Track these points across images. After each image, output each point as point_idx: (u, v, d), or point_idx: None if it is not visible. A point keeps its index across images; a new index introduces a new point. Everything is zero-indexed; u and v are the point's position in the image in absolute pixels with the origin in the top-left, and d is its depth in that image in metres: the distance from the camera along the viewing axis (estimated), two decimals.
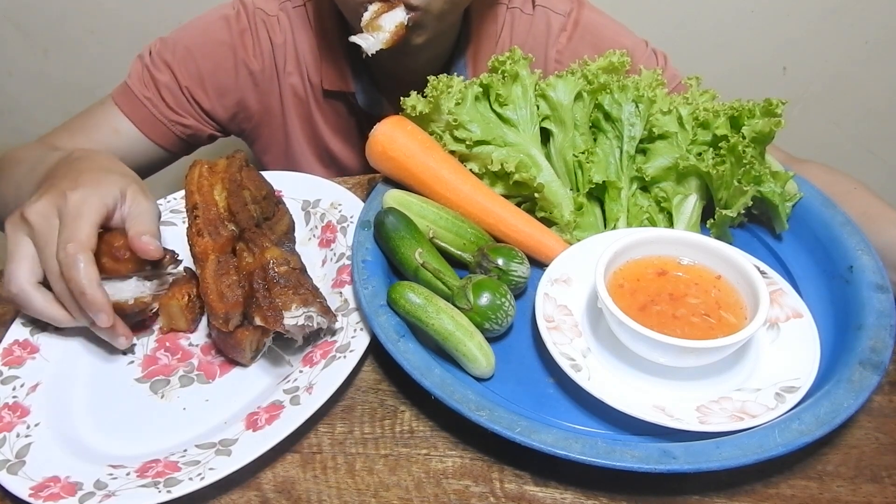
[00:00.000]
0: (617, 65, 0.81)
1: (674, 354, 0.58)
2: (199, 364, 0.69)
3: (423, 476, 0.58)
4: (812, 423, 0.54)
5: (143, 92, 0.97)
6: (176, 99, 0.98)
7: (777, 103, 0.72)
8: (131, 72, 0.99)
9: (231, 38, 0.99)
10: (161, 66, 0.97)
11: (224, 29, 0.99)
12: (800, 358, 0.61)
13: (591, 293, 0.68)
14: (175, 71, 0.97)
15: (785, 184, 0.74)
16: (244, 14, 1.00)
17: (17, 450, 0.60)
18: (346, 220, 0.81)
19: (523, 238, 0.76)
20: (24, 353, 0.69)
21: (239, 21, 1.00)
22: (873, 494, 0.56)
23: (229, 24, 0.99)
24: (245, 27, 1.00)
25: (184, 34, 0.99)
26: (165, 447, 0.61)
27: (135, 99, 0.97)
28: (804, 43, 1.64)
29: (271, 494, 0.58)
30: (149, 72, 0.97)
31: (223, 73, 0.99)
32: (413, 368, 0.60)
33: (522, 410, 0.60)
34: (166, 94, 0.98)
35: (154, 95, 0.97)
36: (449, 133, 0.80)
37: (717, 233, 0.75)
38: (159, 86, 0.97)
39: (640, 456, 0.53)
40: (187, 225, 0.70)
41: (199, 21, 1.01)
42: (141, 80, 0.98)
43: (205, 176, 0.73)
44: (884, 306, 0.64)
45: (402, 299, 0.64)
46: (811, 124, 1.77)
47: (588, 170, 0.77)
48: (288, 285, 0.63)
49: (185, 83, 0.98)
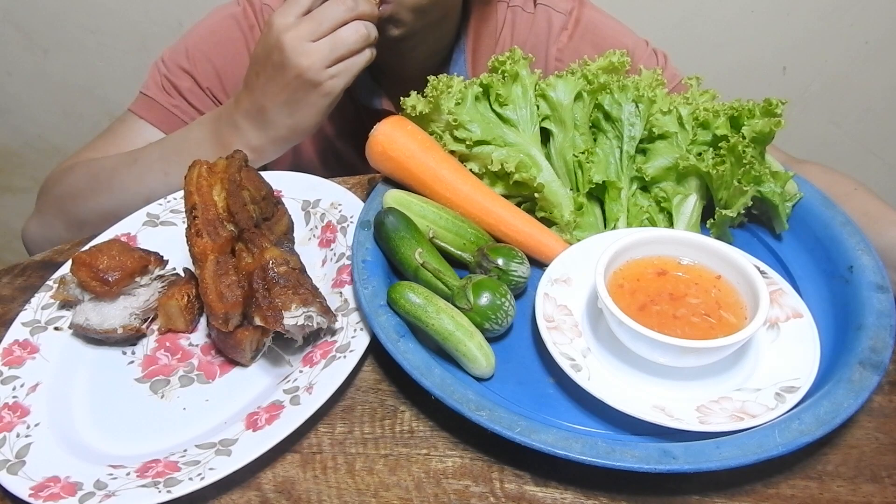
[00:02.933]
0: (617, 65, 0.81)
1: (674, 354, 0.58)
2: (199, 364, 0.69)
3: (423, 476, 0.58)
4: (812, 423, 0.54)
5: (169, 101, 0.99)
6: (201, 102, 1.00)
7: (777, 103, 0.72)
8: (149, 84, 1.00)
9: (243, 34, 1.01)
10: (179, 73, 0.99)
11: (234, 27, 1.01)
12: (800, 358, 0.61)
13: (591, 293, 0.68)
14: (194, 75, 0.99)
15: (785, 184, 0.74)
16: (251, 10, 1.02)
17: (17, 450, 0.60)
18: (346, 220, 0.81)
19: (523, 238, 0.76)
20: (24, 353, 0.69)
21: (247, 17, 1.01)
22: (873, 494, 0.56)
23: (238, 21, 1.01)
24: (253, 23, 1.02)
25: (193, 38, 1.01)
26: (165, 447, 0.61)
27: (162, 109, 0.99)
28: (804, 43, 1.64)
29: (271, 494, 0.58)
30: (168, 81, 0.99)
31: (239, 68, 1.00)
32: (413, 368, 0.60)
33: (522, 410, 0.60)
34: (192, 99, 1.00)
35: (181, 102, 0.99)
36: (449, 133, 0.80)
37: (717, 233, 0.75)
38: (183, 92, 0.99)
39: (640, 456, 0.53)
40: (186, 225, 0.70)
41: (206, 23, 1.03)
42: (163, 90, 0.99)
43: (204, 176, 0.73)
44: (884, 306, 0.64)
45: (402, 299, 0.64)
46: (811, 124, 1.77)
47: (588, 170, 0.77)
48: (287, 285, 0.63)
49: (205, 84, 1.00)
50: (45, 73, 1.79)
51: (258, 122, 0.83)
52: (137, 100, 1.01)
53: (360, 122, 1.07)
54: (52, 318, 0.72)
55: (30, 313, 0.72)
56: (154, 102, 0.99)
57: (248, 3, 1.02)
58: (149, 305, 0.72)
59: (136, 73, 1.68)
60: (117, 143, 0.98)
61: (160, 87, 1.00)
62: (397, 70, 1.00)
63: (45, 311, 0.73)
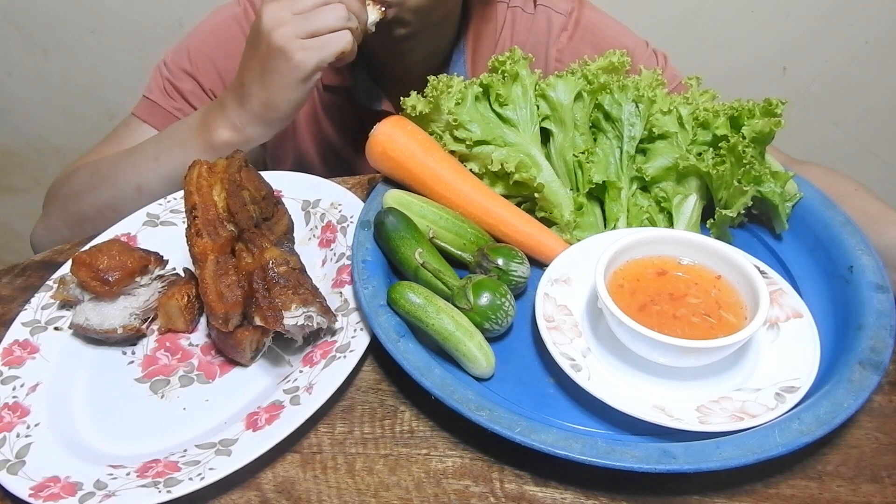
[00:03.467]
0: (617, 65, 0.81)
1: (674, 354, 0.58)
2: (199, 364, 0.69)
3: (423, 476, 0.58)
4: (812, 423, 0.54)
5: (172, 104, 0.99)
6: (204, 103, 1.00)
7: (777, 103, 0.72)
8: (152, 87, 1.01)
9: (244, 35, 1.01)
10: (181, 76, 0.99)
11: (235, 27, 1.01)
12: (800, 358, 0.61)
13: (591, 293, 0.68)
14: (197, 76, 1.00)
15: (785, 184, 0.74)
16: (252, 10, 1.02)
17: (17, 450, 0.60)
18: (346, 220, 0.81)
19: (523, 238, 0.76)
20: (24, 353, 0.69)
21: (248, 18, 1.01)
22: (873, 494, 0.56)
23: (239, 22, 1.01)
24: None
25: (194, 40, 1.01)
26: (165, 447, 0.61)
27: (164, 112, 0.99)
28: (804, 43, 1.64)
29: (271, 494, 0.58)
30: (171, 84, 0.99)
31: None
32: (413, 368, 0.60)
33: (522, 410, 0.60)
34: (194, 101, 1.00)
35: (184, 105, 1.00)
36: (449, 133, 0.80)
37: (717, 233, 0.75)
38: (186, 95, 0.99)
39: (640, 456, 0.53)
40: (186, 225, 0.70)
41: (207, 25, 1.03)
42: (165, 94, 1.00)
43: (204, 176, 0.73)
44: (884, 306, 0.64)
45: (402, 299, 0.64)
46: (811, 124, 1.77)
47: (588, 170, 0.77)
48: (287, 285, 0.64)
49: (208, 86, 1.00)
50: (45, 73, 1.79)
51: (238, 98, 0.83)
52: (140, 103, 1.01)
53: (360, 122, 1.07)
54: (52, 318, 0.72)
55: (30, 313, 0.72)
56: (156, 106, 0.99)
57: (249, 3, 1.02)
58: (149, 305, 0.72)
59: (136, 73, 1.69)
60: (121, 147, 0.98)
61: (162, 91, 1.00)
62: (397, 71, 1.00)
63: (45, 311, 0.73)
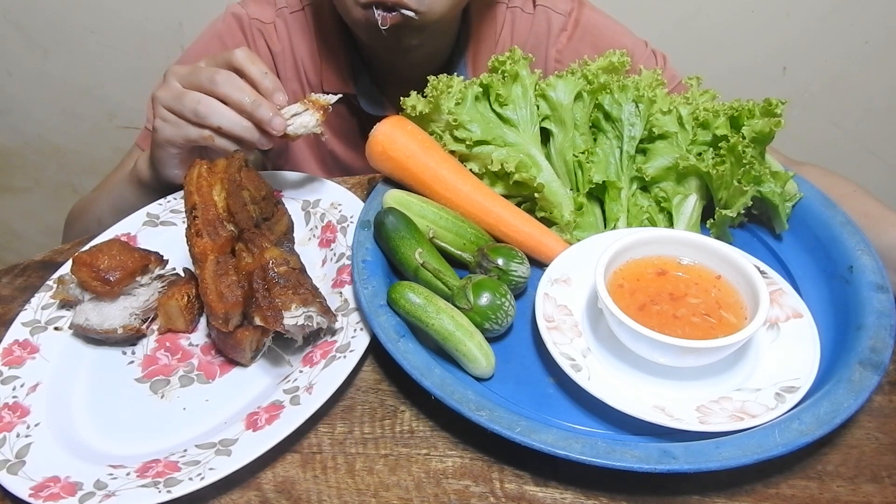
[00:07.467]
0: (617, 65, 0.81)
1: (674, 354, 0.58)
2: (199, 364, 0.69)
3: (423, 476, 0.58)
4: (812, 423, 0.54)
5: None
6: None
7: (777, 103, 0.72)
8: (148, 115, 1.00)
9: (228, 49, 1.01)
10: None
11: (220, 47, 1.00)
12: (800, 358, 0.61)
13: (591, 293, 0.68)
14: None
15: (785, 184, 0.74)
16: (237, 27, 1.02)
17: (17, 450, 0.60)
18: (346, 220, 0.81)
19: (523, 238, 0.76)
20: (24, 353, 0.69)
21: (233, 36, 1.01)
22: (873, 494, 0.56)
23: (223, 41, 1.01)
24: (241, 41, 1.01)
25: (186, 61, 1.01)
26: (165, 447, 0.61)
27: None
28: (804, 43, 1.64)
29: (271, 494, 0.58)
30: None
31: None
32: (413, 368, 0.60)
33: (522, 410, 0.60)
34: None
35: None
36: (449, 133, 0.80)
37: (717, 233, 0.75)
38: None
39: (640, 456, 0.53)
40: (186, 225, 0.70)
41: (196, 46, 1.04)
42: None
43: (204, 176, 0.73)
44: (884, 306, 0.64)
45: (402, 299, 0.64)
46: (811, 124, 1.77)
47: (588, 170, 0.77)
48: (287, 285, 0.63)
49: None
50: (45, 73, 1.79)
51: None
52: (141, 132, 1.03)
53: (359, 123, 1.07)
54: (52, 318, 0.72)
55: (30, 313, 0.72)
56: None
57: (235, 18, 1.02)
58: (149, 305, 0.72)
59: (136, 73, 1.69)
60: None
61: None
62: (398, 72, 1.00)
63: (45, 311, 0.73)
